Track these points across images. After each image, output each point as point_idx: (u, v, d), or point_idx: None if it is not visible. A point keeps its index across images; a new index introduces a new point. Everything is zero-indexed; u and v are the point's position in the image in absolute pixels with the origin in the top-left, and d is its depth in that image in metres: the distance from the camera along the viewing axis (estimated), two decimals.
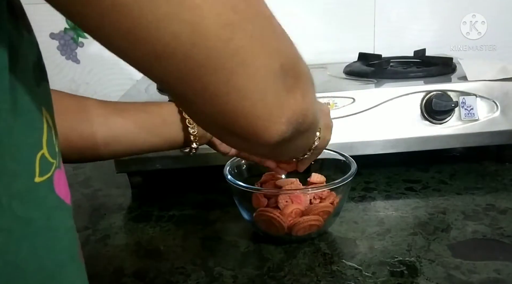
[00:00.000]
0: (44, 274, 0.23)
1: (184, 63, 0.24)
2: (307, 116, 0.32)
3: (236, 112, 0.27)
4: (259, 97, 0.27)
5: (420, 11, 1.02)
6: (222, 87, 0.26)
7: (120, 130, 0.50)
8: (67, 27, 0.99)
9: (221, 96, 0.26)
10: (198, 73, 0.24)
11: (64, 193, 0.26)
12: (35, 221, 0.23)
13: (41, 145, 0.23)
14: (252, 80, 0.26)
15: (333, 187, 0.54)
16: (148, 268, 0.51)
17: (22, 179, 0.22)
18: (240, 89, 0.26)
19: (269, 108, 0.28)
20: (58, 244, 0.25)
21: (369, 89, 0.73)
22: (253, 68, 0.26)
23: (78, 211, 0.67)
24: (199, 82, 0.25)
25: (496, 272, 0.46)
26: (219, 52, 0.24)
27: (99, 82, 1.03)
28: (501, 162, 0.75)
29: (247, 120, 0.28)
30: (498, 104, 0.70)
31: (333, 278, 0.47)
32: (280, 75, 0.27)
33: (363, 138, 0.69)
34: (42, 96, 0.24)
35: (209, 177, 0.74)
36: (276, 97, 0.28)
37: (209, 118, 0.29)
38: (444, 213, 0.60)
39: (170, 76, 0.25)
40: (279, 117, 0.29)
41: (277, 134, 0.29)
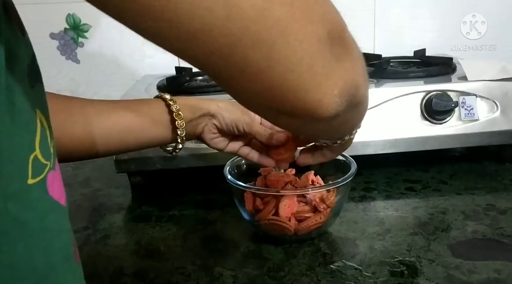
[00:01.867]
0: (37, 275, 0.23)
1: (221, 38, 0.23)
2: (360, 88, 0.30)
3: (282, 87, 0.26)
4: (306, 68, 0.25)
5: (420, 11, 1.02)
6: (265, 61, 0.24)
7: (109, 131, 0.50)
8: (67, 27, 0.99)
9: (264, 71, 0.25)
10: (237, 47, 0.23)
11: (59, 195, 0.25)
12: (29, 222, 0.23)
13: (34, 147, 0.23)
14: (296, 50, 0.24)
15: (333, 187, 0.54)
16: (148, 268, 0.51)
17: (16, 180, 0.22)
18: (283, 61, 0.24)
19: (319, 79, 0.26)
20: (52, 245, 0.25)
21: (369, 89, 0.73)
22: (296, 38, 0.24)
23: (78, 211, 0.67)
24: (239, 58, 0.24)
25: (496, 272, 0.46)
26: (257, 23, 0.23)
27: (99, 82, 1.03)
28: (501, 162, 0.75)
29: (296, 95, 0.26)
30: (498, 104, 0.70)
31: (333, 278, 0.47)
32: (327, 43, 0.26)
33: (363, 138, 0.69)
34: (36, 97, 0.24)
35: (209, 177, 0.74)
36: (324, 67, 0.26)
37: (254, 97, 0.28)
38: (444, 213, 0.59)
39: (209, 55, 0.24)
40: (331, 89, 0.27)
41: (331, 107, 0.27)
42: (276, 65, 0.25)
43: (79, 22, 0.99)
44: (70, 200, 0.71)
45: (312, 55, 0.25)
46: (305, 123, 0.31)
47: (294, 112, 0.28)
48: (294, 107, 0.27)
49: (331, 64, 0.26)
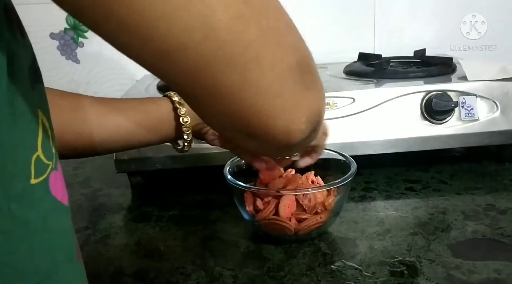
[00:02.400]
0: (40, 274, 0.23)
1: (195, 59, 0.23)
2: (323, 114, 0.30)
3: (251, 111, 0.26)
4: (276, 94, 0.25)
5: (420, 11, 1.02)
6: (236, 84, 0.24)
7: (116, 129, 0.50)
8: (67, 27, 0.99)
9: (235, 94, 0.25)
10: (210, 69, 0.23)
11: (61, 194, 0.26)
12: (32, 222, 0.23)
13: (36, 147, 0.23)
14: (267, 75, 0.25)
15: (333, 187, 0.54)
16: (148, 268, 0.51)
17: (19, 180, 0.22)
18: (255, 85, 0.25)
19: (288, 107, 0.26)
20: (55, 245, 0.25)
21: (369, 89, 0.73)
22: (268, 63, 0.24)
23: (78, 211, 0.67)
24: (211, 79, 0.24)
25: (496, 272, 0.46)
26: (231, 46, 0.23)
27: (99, 82, 1.03)
28: (501, 162, 0.75)
29: (264, 120, 0.26)
30: (498, 104, 0.70)
31: (333, 278, 0.47)
32: (298, 71, 0.26)
33: (363, 138, 0.69)
34: (38, 98, 0.24)
35: (209, 177, 0.74)
36: (293, 95, 0.26)
37: (222, 119, 0.28)
38: (444, 213, 0.59)
39: (180, 74, 0.24)
40: (299, 117, 0.27)
41: (297, 134, 0.28)
42: (247, 89, 0.25)
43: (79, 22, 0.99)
44: (70, 200, 0.71)
45: (282, 81, 0.25)
46: (270, 146, 0.30)
47: (260, 136, 0.28)
48: (261, 131, 0.27)
49: (300, 91, 0.27)
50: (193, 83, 0.25)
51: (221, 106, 0.26)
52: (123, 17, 0.21)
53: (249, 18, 0.23)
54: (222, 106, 0.26)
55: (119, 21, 0.21)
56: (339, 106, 0.69)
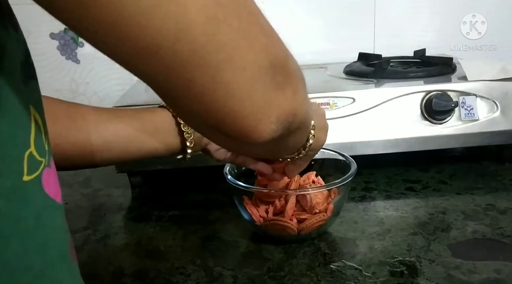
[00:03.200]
0: (33, 273, 0.23)
1: (168, 59, 0.23)
2: (297, 115, 0.31)
3: (223, 111, 0.26)
4: (246, 95, 0.26)
5: (420, 11, 1.02)
6: (208, 85, 0.25)
7: (113, 139, 0.49)
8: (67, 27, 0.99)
9: (207, 94, 0.25)
10: (183, 69, 0.24)
11: (54, 192, 0.25)
12: (23, 219, 0.23)
13: (29, 143, 0.23)
14: (239, 77, 0.25)
15: (333, 187, 0.54)
16: (148, 268, 0.51)
17: (9, 177, 0.22)
18: (226, 86, 0.25)
19: (257, 107, 0.27)
20: (48, 242, 0.24)
21: (369, 89, 0.73)
22: (239, 65, 0.25)
23: (78, 211, 0.67)
24: (184, 79, 0.24)
25: (496, 272, 0.46)
26: (204, 47, 0.23)
27: (99, 82, 1.03)
28: (501, 162, 0.75)
29: (235, 119, 0.27)
30: (498, 104, 0.70)
31: (333, 278, 0.47)
32: (269, 73, 0.27)
33: (363, 138, 0.69)
34: (30, 94, 0.24)
35: (209, 177, 0.74)
36: (264, 96, 0.27)
37: (196, 117, 0.29)
38: (444, 213, 0.59)
39: (154, 73, 0.25)
40: (268, 116, 0.28)
41: (265, 133, 0.29)
42: (218, 89, 0.25)
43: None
44: (70, 200, 0.71)
45: (253, 83, 0.26)
46: (243, 144, 0.31)
47: (231, 134, 0.29)
48: (231, 130, 0.28)
49: (271, 93, 0.27)
50: (167, 83, 0.25)
51: (195, 105, 0.26)
52: (97, 16, 0.21)
53: (222, 20, 0.23)
54: (196, 105, 0.26)
55: (93, 19, 0.21)
56: (339, 106, 0.69)
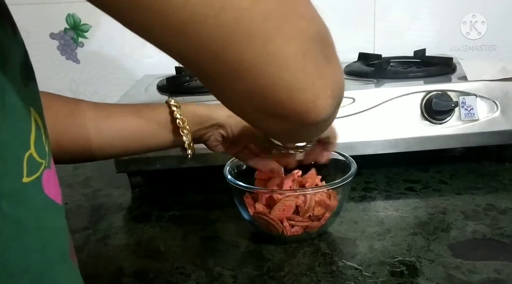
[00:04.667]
0: (33, 273, 0.23)
1: (214, 31, 0.22)
2: (344, 88, 0.29)
3: (275, 86, 0.24)
4: (300, 66, 0.24)
5: (420, 11, 1.02)
6: (258, 56, 0.23)
7: (113, 135, 0.50)
8: (67, 27, 0.99)
9: (257, 68, 0.23)
10: (231, 41, 0.22)
11: (54, 193, 0.25)
12: (23, 220, 0.23)
13: (29, 145, 0.23)
14: (290, 47, 0.24)
15: (333, 187, 0.54)
16: (148, 268, 0.51)
17: (9, 178, 0.22)
18: (277, 57, 0.23)
19: (313, 79, 0.25)
20: (48, 244, 0.24)
21: (369, 89, 0.73)
22: (289, 34, 0.23)
23: (78, 211, 0.67)
24: (232, 53, 0.23)
25: (496, 272, 0.46)
26: (251, 15, 0.22)
27: (99, 82, 1.03)
28: (501, 162, 0.75)
29: (290, 95, 0.25)
30: (498, 104, 0.70)
31: (333, 278, 0.47)
32: (318, 42, 0.25)
33: (363, 138, 0.69)
34: (30, 96, 0.24)
35: (209, 177, 0.74)
36: (317, 67, 0.25)
37: (244, 99, 0.26)
38: (444, 213, 0.59)
39: (198, 50, 0.23)
40: (324, 90, 0.26)
41: (324, 109, 0.26)
42: (269, 61, 0.23)
43: (79, 22, 0.99)
44: (70, 200, 0.71)
45: (305, 53, 0.24)
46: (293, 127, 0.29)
47: (285, 114, 0.26)
48: (286, 108, 0.26)
49: (323, 64, 0.26)
50: (212, 59, 0.23)
51: (243, 83, 0.24)
52: None
53: None
54: (244, 84, 0.24)
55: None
56: None
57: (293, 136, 0.40)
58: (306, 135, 0.41)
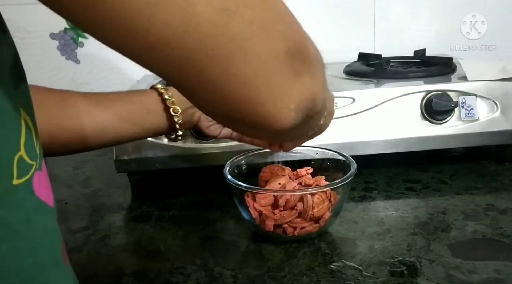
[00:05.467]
0: (24, 276, 0.23)
1: (178, 52, 0.23)
2: (317, 101, 0.30)
3: (239, 100, 0.26)
4: (263, 83, 0.26)
5: (420, 11, 1.02)
6: (221, 75, 0.24)
7: (105, 123, 0.51)
8: (67, 27, 0.99)
9: (221, 85, 0.25)
10: (194, 61, 0.23)
11: (45, 195, 0.25)
12: (14, 223, 0.22)
13: (19, 147, 0.23)
14: (253, 66, 0.25)
15: (333, 187, 0.54)
16: (148, 268, 0.51)
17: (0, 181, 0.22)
18: (240, 76, 0.25)
19: (276, 94, 0.27)
20: (39, 246, 0.24)
21: (369, 89, 0.73)
22: (253, 54, 0.24)
23: (78, 211, 0.67)
24: (195, 71, 0.24)
25: (496, 272, 0.46)
26: (214, 39, 0.23)
27: (99, 82, 1.03)
28: (501, 162, 0.75)
29: (252, 108, 0.27)
30: (498, 104, 0.70)
31: (333, 278, 0.47)
32: (286, 59, 0.26)
33: (363, 138, 0.69)
34: (21, 97, 0.24)
35: (209, 177, 0.74)
36: (282, 83, 0.27)
37: (212, 107, 0.28)
38: (444, 213, 0.59)
39: (165, 66, 0.24)
40: (288, 104, 0.27)
41: (286, 121, 0.28)
42: (233, 79, 0.25)
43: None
44: (70, 200, 0.71)
45: (270, 70, 0.25)
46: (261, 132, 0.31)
47: (250, 123, 0.28)
48: (250, 119, 0.27)
49: (289, 79, 0.27)
50: (180, 74, 0.25)
51: (210, 95, 0.26)
52: (103, 12, 0.21)
53: (234, 10, 0.23)
54: (211, 95, 0.26)
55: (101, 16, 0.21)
56: (339, 106, 0.69)
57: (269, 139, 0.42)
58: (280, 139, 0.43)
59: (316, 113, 0.33)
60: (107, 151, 0.67)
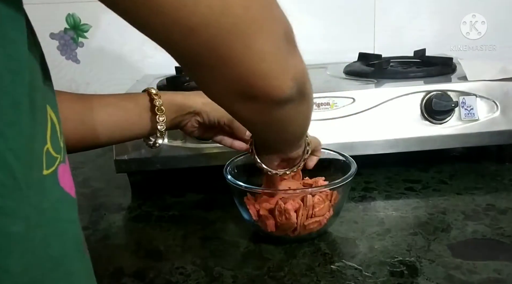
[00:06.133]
0: (53, 261, 0.25)
1: (215, 32, 0.27)
2: (306, 78, 0.36)
3: (256, 74, 0.31)
4: (274, 59, 0.31)
5: (420, 11, 1.02)
6: (246, 51, 0.29)
7: (98, 127, 0.53)
8: (67, 27, 0.99)
9: (244, 60, 0.30)
10: (225, 40, 0.28)
11: (69, 186, 0.27)
12: (45, 210, 0.24)
13: (46, 140, 0.25)
14: (269, 44, 0.30)
15: (333, 187, 0.54)
16: (148, 268, 0.51)
17: (35, 170, 0.23)
18: (260, 52, 0.30)
19: (281, 68, 0.32)
20: (65, 234, 0.26)
21: (369, 89, 0.73)
22: (268, 33, 0.30)
23: (78, 211, 0.67)
24: (227, 49, 0.28)
25: (496, 272, 0.46)
26: (243, 19, 0.28)
27: (99, 82, 1.03)
28: (501, 162, 0.75)
29: (265, 80, 0.31)
30: (498, 104, 0.70)
31: (333, 278, 0.47)
32: (285, 39, 0.31)
33: (363, 138, 0.69)
34: (47, 94, 0.26)
35: (209, 177, 0.74)
36: (284, 59, 0.32)
37: (228, 84, 0.32)
38: (444, 213, 0.59)
39: (202, 47, 0.28)
40: (287, 75, 0.33)
41: (287, 89, 0.33)
42: (253, 55, 0.30)
43: (79, 22, 0.99)
44: None
45: (277, 48, 0.31)
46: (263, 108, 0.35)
47: (257, 96, 0.32)
48: (258, 90, 0.32)
49: (288, 56, 0.33)
50: (211, 54, 0.29)
51: (230, 72, 0.30)
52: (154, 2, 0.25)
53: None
54: (230, 72, 0.30)
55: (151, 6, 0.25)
56: (339, 106, 0.69)
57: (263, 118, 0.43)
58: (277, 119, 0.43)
59: (307, 93, 0.37)
60: (107, 150, 0.67)
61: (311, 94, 0.40)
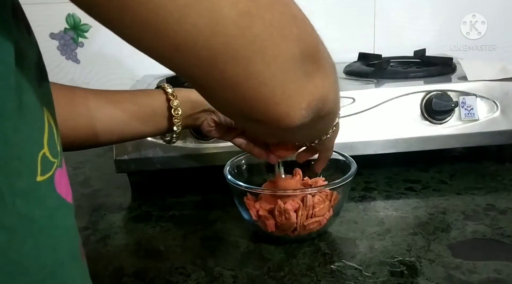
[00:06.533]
0: (45, 271, 0.24)
1: (203, 52, 0.24)
2: (327, 101, 0.32)
3: (256, 98, 0.28)
4: (278, 83, 0.27)
5: (420, 11, 1.02)
6: (241, 75, 0.26)
7: (112, 122, 0.52)
8: (67, 27, 0.99)
9: (240, 84, 0.27)
10: (217, 61, 0.25)
11: (66, 192, 0.26)
12: (37, 219, 0.23)
13: (42, 144, 0.24)
14: (271, 67, 0.26)
15: (333, 187, 0.54)
16: (148, 268, 0.51)
17: (25, 177, 0.22)
18: (258, 76, 0.26)
19: (288, 94, 0.28)
20: (60, 242, 0.25)
21: (369, 89, 0.73)
22: (271, 55, 0.26)
23: (78, 211, 0.67)
24: (218, 71, 0.26)
25: (496, 272, 0.46)
26: (237, 40, 0.24)
27: (99, 82, 1.03)
28: (501, 162, 0.75)
29: (267, 106, 0.28)
30: (498, 104, 0.70)
31: (333, 278, 0.47)
32: (299, 61, 0.28)
33: (363, 138, 0.69)
34: (44, 96, 0.25)
35: (209, 177, 0.74)
36: (295, 83, 0.28)
37: (230, 105, 0.30)
38: (444, 213, 0.59)
39: (190, 66, 0.26)
40: (299, 103, 0.29)
41: (297, 119, 0.30)
42: (251, 79, 0.26)
43: (79, 22, 0.99)
44: None
45: (284, 72, 0.27)
46: (273, 130, 0.33)
47: (263, 121, 0.30)
48: (263, 117, 0.29)
49: (301, 80, 0.29)
50: (203, 75, 0.26)
51: (229, 95, 0.28)
52: (136, 14, 0.22)
53: (255, 13, 0.24)
54: (229, 94, 0.28)
55: (132, 17, 0.23)
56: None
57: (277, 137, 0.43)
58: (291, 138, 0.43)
59: (327, 113, 0.34)
60: (107, 150, 0.67)
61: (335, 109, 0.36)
